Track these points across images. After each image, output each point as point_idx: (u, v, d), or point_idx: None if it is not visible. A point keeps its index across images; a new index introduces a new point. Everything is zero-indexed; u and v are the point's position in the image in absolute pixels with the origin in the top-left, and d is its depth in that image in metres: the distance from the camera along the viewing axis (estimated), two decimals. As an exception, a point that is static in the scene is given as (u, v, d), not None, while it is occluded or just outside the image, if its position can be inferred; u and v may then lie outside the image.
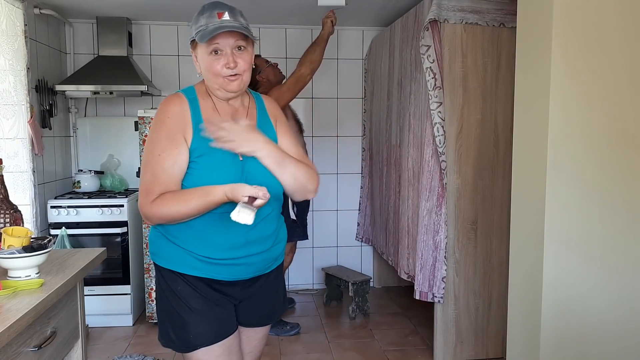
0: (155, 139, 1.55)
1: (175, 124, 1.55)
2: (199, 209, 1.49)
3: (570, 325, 2.13)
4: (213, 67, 1.55)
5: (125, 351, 3.27)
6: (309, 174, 1.63)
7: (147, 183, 1.53)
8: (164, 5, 3.67)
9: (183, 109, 1.57)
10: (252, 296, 1.70)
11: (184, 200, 1.50)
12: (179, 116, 1.56)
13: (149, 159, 1.55)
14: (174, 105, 1.58)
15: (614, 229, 2.11)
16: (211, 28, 1.51)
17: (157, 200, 1.50)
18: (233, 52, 1.55)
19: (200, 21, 1.55)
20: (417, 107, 3.11)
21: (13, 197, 2.17)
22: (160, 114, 1.57)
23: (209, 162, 1.54)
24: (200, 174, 1.54)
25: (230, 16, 1.54)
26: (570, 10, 2.02)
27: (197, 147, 1.54)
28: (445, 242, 2.92)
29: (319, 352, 3.27)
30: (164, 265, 1.63)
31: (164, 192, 1.51)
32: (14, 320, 1.26)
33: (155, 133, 1.56)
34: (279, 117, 1.74)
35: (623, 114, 2.08)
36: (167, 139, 1.53)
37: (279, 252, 1.74)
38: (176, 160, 1.53)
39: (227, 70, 1.54)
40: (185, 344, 1.62)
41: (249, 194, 1.41)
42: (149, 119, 3.48)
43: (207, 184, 1.51)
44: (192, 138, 1.55)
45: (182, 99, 1.59)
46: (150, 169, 1.53)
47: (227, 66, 1.54)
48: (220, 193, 1.46)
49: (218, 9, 1.54)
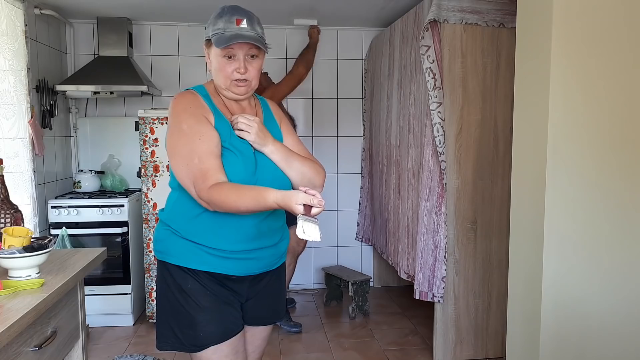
0: (187, 128, 1.56)
1: (199, 112, 1.59)
2: (250, 208, 1.48)
3: (570, 325, 2.13)
4: (224, 69, 1.59)
5: (126, 351, 3.28)
6: (315, 169, 1.70)
7: (197, 169, 1.52)
8: (164, 6, 3.67)
9: (200, 101, 1.62)
10: (258, 294, 1.73)
11: (237, 195, 1.48)
12: (200, 107, 1.61)
13: (190, 147, 1.54)
14: (190, 98, 1.63)
15: (613, 228, 2.11)
16: (228, 35, 1.54)
17: (215, 187, 1.49)
18: (245, 58, 1.59)
19: (218, 24, 1.57)
20: (417, 107, 3.12)
21: (13, 197, 2.17)
22: (180, 105, 1.60)
23: (233, 151, 1.58)
24: (225, 161, 1.56)
25: (248, 24, 1.57)
26: (569, 11, 2.02)
27: (220, 135, 1.59)
28: (445, 242, 2.92)
29: (319, 352, 3.27)
30: (173, 262, 1.64)
31: (219, 181, 1.50)
32: (15, 320, 1.26)
33: (185, 122, 1.57)
34: (282, 118, 1.81)
35: (623, 113, 2.08)
36: (200, 124, 1.56)
37: (285, 248, 1.78)
38: (217, 141, 1.56)
39: (237, 74, 1.59)
40: (193, 342, 1.63)
41: (302, 201, 1.36)
42: (149, 119, 3.49)
43: (232, 172, 1.55)
44: (215, 125, 1.59)
45: (195, 94, 1.65)
46: (196, 155, 1.53)
47: (237, 71, 1.58)
48: (271, 199, 1.42)
49: (237, 15, 1.57)
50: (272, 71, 3.97)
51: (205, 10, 3.67)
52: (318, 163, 1.74)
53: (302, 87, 4.20)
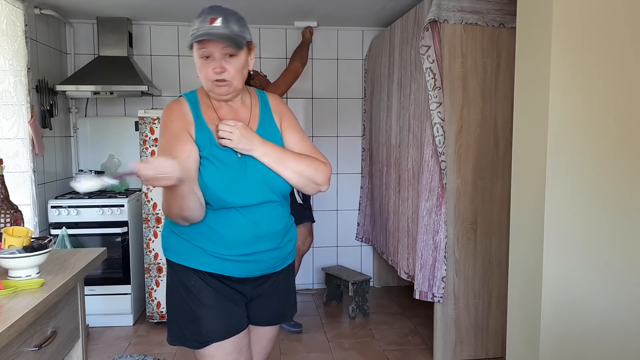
0: (164, 143, 1.59)
1: (179, 125, 1.60)
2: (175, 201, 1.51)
3: (570, 325, 2.13)
4: (204, 70, 1.59)
5: (126, 351, 3.27)
6: (315, 167, 1.65)
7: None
8: (164, 6, 3.67)
9: (184, 112, 1.63)
10: (263, 294, 1.73)
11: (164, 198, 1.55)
12: (181, 118, 1.61)
13: None
14: (175, 109, 1.64)
15: (613, 228, 2.11)
16: (199, 33, 1.53)
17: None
18: (223, 57, 1.56)
19: (195, 24, 1.57)
20: (417, 107, 3.12)
21: (13, 197, 2.18)
22: (164, 119, 1.64)
23: (212, 161, 1.58)
24: (204, 172, 1.57)
25: (222, 22, 1.53)
26: (569, 11, 2.02)
27: (199, 146, 1.59)
28: (445, 242, 2.92)
29: (319, 352, 3.27)
30: (177, 260, 1.66)
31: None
32: (15, 320, 1.26)
33: (164, 138, 1.61)
34: (284, 114, 1.75)
35: (622, 113, 2.08)
36: (175, 139, 1.58)
37: (289, 250, 1.75)
38: (190, 153, 1.56)
39: (215, 74, 1.56)
40: (196, 339, 1.63)
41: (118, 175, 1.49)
42: (149, 119, 3.49)
43: (211, 181, 1.55)
44: (196, 137, 1.59)
45: (182, 103, 1.65)
46: None
47: (214, 70, 1.56)
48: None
49: (213, 14, 1.55)
50: (270, 70, 3.98)
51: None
52: (320, 159, 1.68)
53: (302, 87, 4.21)
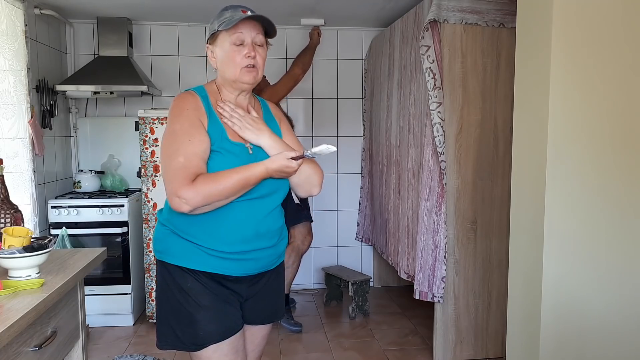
0: (179, 129, 1.58)
1: (194, 115, 1.61)
2: (241, 184, 1.54)
3: (570, 325, 2.13)
4: (234, 57, 1.62)
5: (126, 351, 3.28)
6: (313, 168, 1.72)
7: (181, 167, 1.53)
8: (164, 6, 3.67)
9: (198, 104, 1.64)
10: (257, 294, 1.74)
11: (224, 177, 1.54)
12: (196, 109, 1.63)
13: (177, 147, 1.56)
14: (190, 99, 1.65)
15: (613, 228, 2.11)
16: (237, 18, 1.60)
17: (198, 180, 1.52)
18: (253, 44, 1.63)
19: (224, 15, 1.63)
20: (417, 107, 3.12)
21: (13, 197, 2.18)
22: (177, 108, 1.63)
23: (222, 153, 1.60)
24: (213, 164, 1.58)
25: (253, 13, 1.65)
26: (569, 11, 2.02)
27: (211, 138, 1.60)
28: (445, 242, 2.92)
29: (319, 352, 3.27)
30: (173, 262, 1.65)
31: (200, 175, 1.55)
32: (15, 320, 1.26)
33: (179, 123, 1.59)
34: (282, 120, 1.84)
35: (623, 113, 2.08)
36: (192, 127, 1.58)
37: (283, 248, 1.80)
38: (207, 146, 1.58)
39: (247, 60, 1.61)
40: (193, 341, 1.63)
41: (291, 155, 1.56)
42: (149, 119, 3.48)
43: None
44: (208, 129, 1.61)
45: (195, 95, 1.66)
46: (181, 154, 1.55)
47: (248, 55, 1.61)
48: (260, 167, 1.55)
49: (243, 7, 1.64)
50: (272, 71, 3.98)
51: (205, 10, 3.67)
52: (316, 163, 1.75)
53: (302, 87, 4.21)
